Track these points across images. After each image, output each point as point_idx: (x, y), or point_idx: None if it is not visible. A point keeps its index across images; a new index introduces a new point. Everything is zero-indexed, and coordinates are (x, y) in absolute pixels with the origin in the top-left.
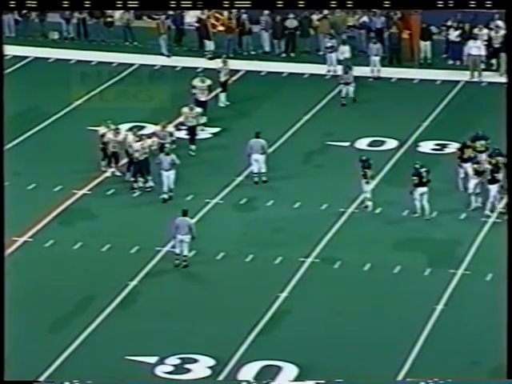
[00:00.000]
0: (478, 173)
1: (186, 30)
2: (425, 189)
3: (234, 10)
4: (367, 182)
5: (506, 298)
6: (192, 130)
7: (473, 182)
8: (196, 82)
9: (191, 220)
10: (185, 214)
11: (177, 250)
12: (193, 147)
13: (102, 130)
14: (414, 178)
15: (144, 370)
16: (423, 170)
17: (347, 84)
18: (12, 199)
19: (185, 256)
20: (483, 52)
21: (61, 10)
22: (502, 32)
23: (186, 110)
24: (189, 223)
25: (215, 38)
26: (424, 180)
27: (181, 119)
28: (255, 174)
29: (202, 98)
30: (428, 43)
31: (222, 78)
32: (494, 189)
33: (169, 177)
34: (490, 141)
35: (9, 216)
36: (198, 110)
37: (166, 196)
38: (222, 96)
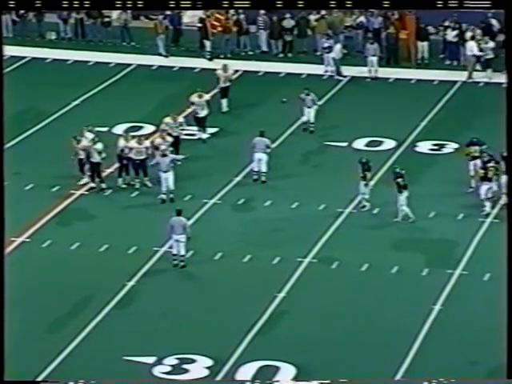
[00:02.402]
0: (486, 179)
1: (183, 30)
2: (407, 192)
3: (231, 10)
4: (366, 185)
5: (506, 298)
6: (175, 141)
7: (484, 188)
8: (194, 97)
9: (186, 220)
10: (179, 213)
11: (174, 251)
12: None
13: (88, 135)
14: (399, 180)
15: (142, 371)
16: (404, 172)
17: (309, 107)
18: (10, 199)
19: (182, 256)
20: (477, 52)
21: (61, 10)
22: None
23: (168, 119)
24: (183, 223)
25: (213, 39)
26: (406, 183)
27: (163, 127)
28: (255, 172)
29: (201, 114)
30: (425, 43)
31: (223, 84)
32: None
33: (167, 178)
34: (486, 147)
35: (6, 216)
36: (181, 119)
37: (164, 197)
38: (224, 102)
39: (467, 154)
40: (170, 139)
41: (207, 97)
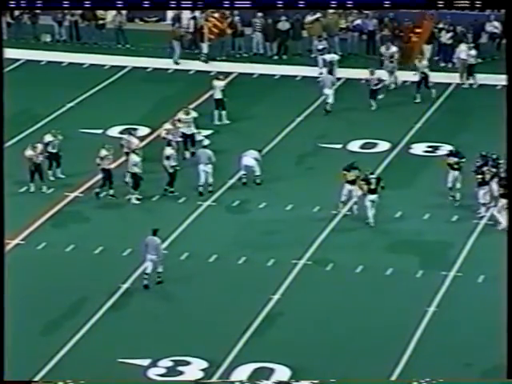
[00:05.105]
0: (484, 183)
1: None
2: (373, 196)
3: (226, 12)
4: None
5: (506, 300)
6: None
7: (481, 193)
8: (181, 114)
9: (160, 240)
10: (154, 233)
11: (148, 270)
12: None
13: (47, 138)
14: (362, 182)
15: (137, 373)
16: (372, 177)
17: (329, 88)
18: (4, 202)
19: (159, 272)
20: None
21: (61, 10)
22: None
23: (168, 125)
24: (156, 243)
25: (210, 43)
26: (372, 187)
27: (164, 135)
28: (244, 175)
29: (188, 132)
30: (429, 46)
31: (219, 96)
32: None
33: (206, 171)
34: (464, 160)
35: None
36: (179, 125)
37: (201, 189)
38: (223, 114)
39: (448, 163)
40: (170, 151)
41: (194, 114)
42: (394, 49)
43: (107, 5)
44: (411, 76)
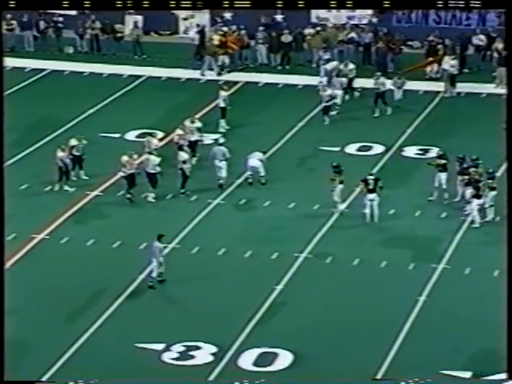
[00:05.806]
0: (470, 183)
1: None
2: (372, 195)
3: (233, 26)
4: (333, 190)
5: (506, 298)
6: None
7: (468, 192)
8: (186, 122)
9: (161, 245)
10: (159, 238)
11: (160, 270)
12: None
13: (72, 142)
14: (361, 183)
15: (152, 357)
16: (371, 177)
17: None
18: (30, 200)
19: (152, 278)
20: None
21: (60, 10)
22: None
23: (179, 131)
24: (154, 248)
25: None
26: (370, 187)
27: (177, 140)
28: (250, 175)
29: (192, 138)
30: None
31: (222, 104)
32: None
33: (221, 167)
34: (446, 161)
35: (27, 215)
36: (190, 128)
37: (220, 182)
38: (222, 122)
39: (429, 163)
40: (186, 156)
41: (199, 124)
42: (351, 66)
43: (107, 4)
44: (410, 85)
